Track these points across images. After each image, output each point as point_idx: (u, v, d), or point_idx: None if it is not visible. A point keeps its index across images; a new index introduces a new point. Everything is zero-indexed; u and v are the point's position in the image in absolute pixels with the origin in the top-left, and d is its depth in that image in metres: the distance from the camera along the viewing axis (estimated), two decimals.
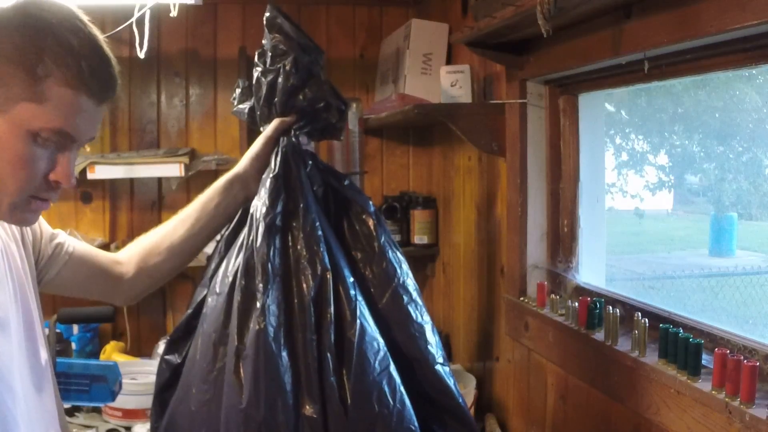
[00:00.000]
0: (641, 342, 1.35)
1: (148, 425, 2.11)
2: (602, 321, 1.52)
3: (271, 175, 1.24)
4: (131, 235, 2.77)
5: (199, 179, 2.77)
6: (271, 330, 1.07)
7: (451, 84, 2.10)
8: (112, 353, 2.54)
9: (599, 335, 1.50)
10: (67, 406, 1.93)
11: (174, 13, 2.12)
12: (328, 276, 1.14)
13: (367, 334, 1.12)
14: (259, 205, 1.21)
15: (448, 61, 2.46)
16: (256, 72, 1.33)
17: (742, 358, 1.12)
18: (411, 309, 1.24)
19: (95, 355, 2.59)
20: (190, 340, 1.24)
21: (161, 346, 2.51)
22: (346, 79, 2.91)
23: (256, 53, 1.34)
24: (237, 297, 1.12)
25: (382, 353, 1.13)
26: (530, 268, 1.89)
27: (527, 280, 1.90)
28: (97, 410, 2.23)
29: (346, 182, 1.33)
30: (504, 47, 1.82)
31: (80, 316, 2.04)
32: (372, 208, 1.31)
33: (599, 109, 1.83)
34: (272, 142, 1.31)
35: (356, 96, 2.67)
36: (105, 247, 2.68)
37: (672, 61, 1.36)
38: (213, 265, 1.32)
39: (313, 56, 1.30)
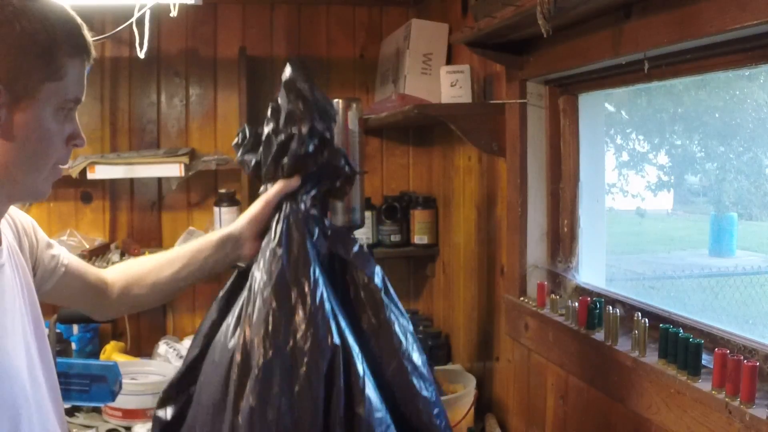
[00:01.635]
0: (641, 342, 1.35)
1: (148, 425, 2.12)
2: (602, 321, 1.52)
3: (271, 246, 1.18)
4: (131, 235, 2.78)
5: (199, 179, 2.77)
6: (271, 411, 1.04)
7: (451, 84, 2.10)
8: (112, 353, 2.54)
9: (599, 335, 1.50)
10: (67, 406, 1.93)
11: (174, 13, 2.12)
12: (339, 352, 1.11)
13: (375, 409, 1.11)
14: (258, 276, 1.16)
15: (448, 61, 2.46)
16: (267, 128, 1.28)
17: (742, 358, 1.12)
18: (415, 381, 1.23)
19: (95, 355, 2.59)
20: (183, 398, 1.24)
21: (161, 346, 2.52)
22: (346, 79, 2.91)
23: (270, 107, 1.28)
24: (235, 371, 1.09)
25: (389, 428, 1.12)
26: (530, 268, 1.89)
27: (527, 280, 1.90)
28: (97, 410, 2.23)
29: (355, 249, 1.28)
30: (504, 47, 1.82)
31: (80, 316, 2.03)
32: (379, 278, 1.27)
33: (599, 109, 1.83)
34: (273, 206, 1.27)
35: (356, 96, 2.67)
36: (105, 247, 2.68)
37: (672, 61, 1.35)
38: (207, 325, 1.28)
39: (328, 122, 1.27)
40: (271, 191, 1.27)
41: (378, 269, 1.28)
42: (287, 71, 1.25)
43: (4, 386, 0.96)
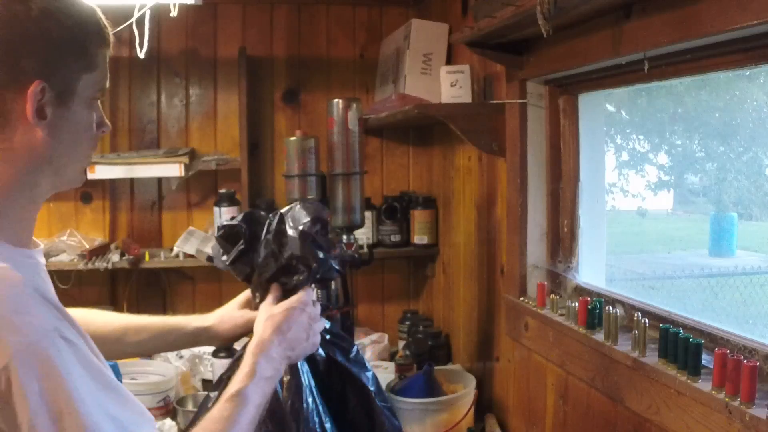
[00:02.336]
0: (641, 342, 1.35)
1: None
2: (602, 321, 1.52)
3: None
4: (131, 235, 2.78)
5: (199, 179, 2.78)
6: None
7: (451, 84, 2.10)
8: None
9: (599, 335, 1.50)
10: None
11: (174, 13, 2.12)
12: None
13: None
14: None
15: (448, 61, 2.46)
16: (266, 248, 1.28)
17: (742, 358, 1.12)
18: None
19: None
20: None
21: None
22: (346, 79, 2.91)
23: (274, 229, 1.28)
24: None
25: None
26: (530, 268, 1.89)
27: (527, 280, 1.90)
28: None
29: (352, 354, 1.32)
30: (504, 47, 1.82)
31: None
32: (373, 385, 1.32)
33: (599, 109, 1.83)
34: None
35: (356, 96, 2.67)
36: (105, 247, 2.68)
37: (672, 61, 1.35)
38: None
39: (332, 274, 1.30)
40: (263, 307, 1.29)
41: (370, 375, 1.35)
42: (306, 220, 1.26)
43: None
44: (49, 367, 0.79)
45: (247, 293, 1.37)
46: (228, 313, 1.36)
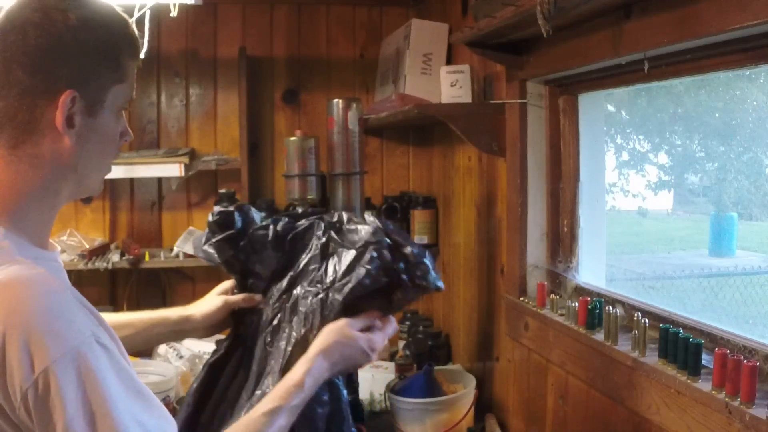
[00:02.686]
0: (641, 342, 1.35)
1: None
2: (602, 321, 1.52)
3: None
4: (131, 235, 2.78)
5: (199, 179, 2.78)
6: None
7: (451, 84, 2.10)
8: None
9: (599, 335, 1.50)
10: None
11: (174, 13, 2.12)
12: None
13: None
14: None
15: (448, 61, 2.46)
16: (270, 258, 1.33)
17: (742, 358, 1.12)
18: None
19: None
20: None
21: (161, 347, 2.51)
22: (346, 79, 2.91)
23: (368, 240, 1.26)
24: None
25: None
26: (530, 268, 1.89)
27: (527, 280, 1.90)
28: None
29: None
30: (504, 47, 1.82)
31: None
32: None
33: (599, 109, 1.83)
34: (232, 308, 1.39)
35: (356, 96, 2.67)
36: (105, 247, 2.68)
37: (672, 61, 1.35)
38: (196, 387, 1.34)
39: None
40: (235, 298, 1.38)
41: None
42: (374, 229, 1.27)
43: None
44: (87, 371, 0.81)
45: (227, 283, 1.42)
46: (207, 300, 1.41)
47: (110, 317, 1.35)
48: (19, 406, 0.80)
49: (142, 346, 1.40)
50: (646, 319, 1.36)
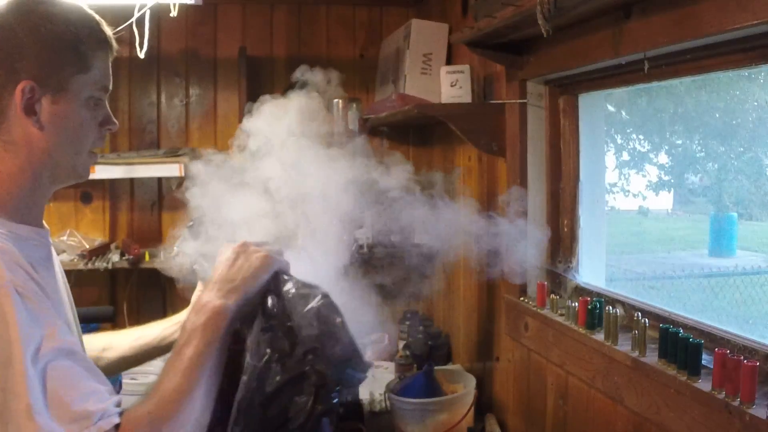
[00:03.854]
0: (641, 342, 1.35)
1: None
2: (602, 321, 1.52)
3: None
4: (131, 235, 2.77)
5: None
6: None
7: (451, 84, 2.10)
8: None
9: (599, 335, 1.50)
10: None
11: (174, 13, 2.12)
12: None
13: None
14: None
15: (448, 61, 2.46)
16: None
17: (742, 358, 1.12)
18: None
19: None
20: None
21: None
22: (346, 79, 2.91)
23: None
24: None
25: None
26: (530, 268, 1.89)
27: (527, 280, 1.89)
28: None
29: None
30: (504, 47, 1.82)
31: (80, 316, 2.04)
32: None
33: (599, 109, 1.83)
34: None
35: (356, 96, 2.67)
36: (105, 247, 2.68)
37: (672, 61, 1.35)
38: None
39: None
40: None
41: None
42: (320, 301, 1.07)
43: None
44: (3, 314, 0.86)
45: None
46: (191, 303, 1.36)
47: (104, 339, 1.34)
48: None
49: (126, 368, 1.37)
50: (646, 319, 1.36)
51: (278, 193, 1.37)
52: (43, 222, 1.11)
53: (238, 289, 1.06)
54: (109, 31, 1.09)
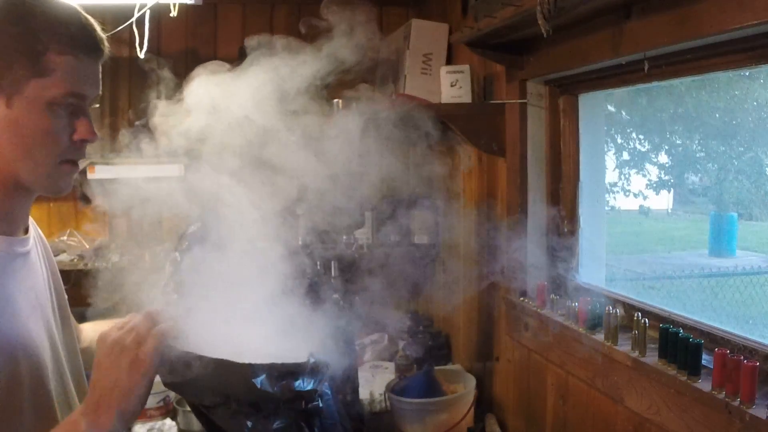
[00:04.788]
0: (641, 342, 1.35)
1: (148, 425, 2.11)
2: (602, 321, 1.52)
3: None
4: (131, 236, 2.77)
5: None
6: None
7: (451, 84, 2.10)
8: None
9: (599, 335, 1.50)
10: None
11: (174, 13, 2.12)
12: None
13: None
14: None
15: (448, 61, 2.46)
16: None
17: (742, 358, 1.12)
18: None
19: None
20: None
21: None
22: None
23: None
24: None
25: None
26: (530, 268, 1.89)
27: (527, 281, 1.89)
28: None
29: None
30: (504, 47, 1.82)
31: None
32: None
33: (599, 109, 1.83)
34: None
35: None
36: (105, 247, 2.68)
37: (672, 61, 1.35)
38: None
39: None
40: None
41: None
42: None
43: (31, 361, 0.98)
44: None
45: None
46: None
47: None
48: None
49: None
50: (646, 319, 1.36)
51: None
52: (28, 227, 1.06)
53: (110, 410, 0.87)
54: (99, 34, 1.02)
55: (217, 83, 1.29)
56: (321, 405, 1.02)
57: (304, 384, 0.99)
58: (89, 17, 1.03)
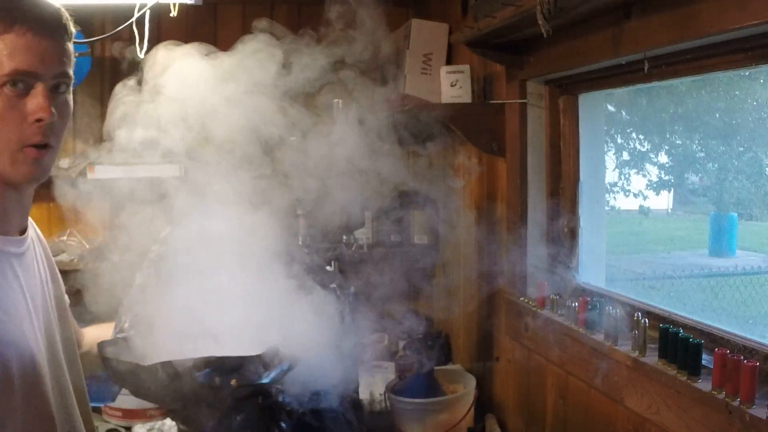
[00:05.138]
0: (641, 342, 1.35)
1: (148, 425, 2.12)
2: (602, 321, 1.52)
3: None
4: (131, 236, 2.77)
5: None
6: None
7: (451, 84, 2.10)
8: None
9: (599, 335, 1.50)
10: None
11: (174, 13, 2.12)
12: None
13: None
14: None
15: (448, 61, 2.46)
16: None
17: (742, 358, 1.12)
18: None
19: None
20: None
21: None
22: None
23: None
24: None
25: None
26: (530, 268, 1.89)
27: (527, 280, 1.89)
28: (97, 410, 2.22)
29: None
30: (504, 47, 1.82)
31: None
32: None
33: (599, 109, 1.83)
34: None
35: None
36: (105, 247, 2.68)
37: (672, 61, 1.35)
38: None
39: None
40: None
41: None
42: None
43: (24, 363, 0.96)
44: None
45: None
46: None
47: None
48: None
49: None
50: (646, 319, 1.36)
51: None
52: (26, 228, 1.04)
53: None
54: (50, 9, 0.96)
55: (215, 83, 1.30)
56: (283, 400, 1.02)
57: (255, 378, 0.98)
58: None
